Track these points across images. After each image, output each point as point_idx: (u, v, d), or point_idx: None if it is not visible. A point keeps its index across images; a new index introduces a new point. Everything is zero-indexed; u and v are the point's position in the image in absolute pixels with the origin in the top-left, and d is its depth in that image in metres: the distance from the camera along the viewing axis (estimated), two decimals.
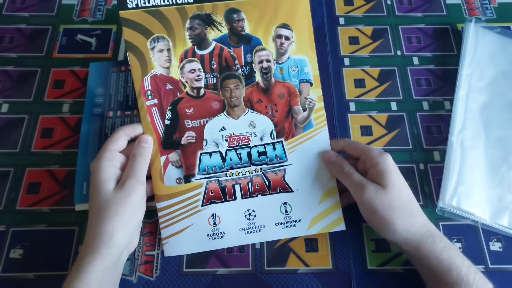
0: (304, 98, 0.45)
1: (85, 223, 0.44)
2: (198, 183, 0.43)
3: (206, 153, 0.43)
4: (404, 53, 0.56)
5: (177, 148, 0.43)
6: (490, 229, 0.44)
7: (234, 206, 0.43)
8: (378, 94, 0.53)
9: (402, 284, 0.42)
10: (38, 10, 0.59)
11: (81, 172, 0.46)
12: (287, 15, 0.44)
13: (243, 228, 0.43)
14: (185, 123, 0.43)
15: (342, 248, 0.44)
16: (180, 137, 0.43)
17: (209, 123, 0.43)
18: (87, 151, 0.47)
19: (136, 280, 0.42)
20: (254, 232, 0.43)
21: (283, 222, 0.43)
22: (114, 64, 0.53)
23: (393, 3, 0.60)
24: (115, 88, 0.51)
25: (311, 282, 0.42)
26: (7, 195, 0.46)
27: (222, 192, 0.43)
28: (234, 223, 0.43)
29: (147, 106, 0.42)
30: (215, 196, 0.43)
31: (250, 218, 0.43)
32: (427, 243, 0.37)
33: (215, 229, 0.43)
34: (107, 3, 0.59)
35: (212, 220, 0.43)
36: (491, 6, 0.60)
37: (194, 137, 0.43)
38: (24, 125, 0.50)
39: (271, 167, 0.44)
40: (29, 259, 0.43)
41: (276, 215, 0.44)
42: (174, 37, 0.43)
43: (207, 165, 0.43)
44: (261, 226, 0.43)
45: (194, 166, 0.43)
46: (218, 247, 0.43)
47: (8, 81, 0.53)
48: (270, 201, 0.44)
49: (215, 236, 0.43)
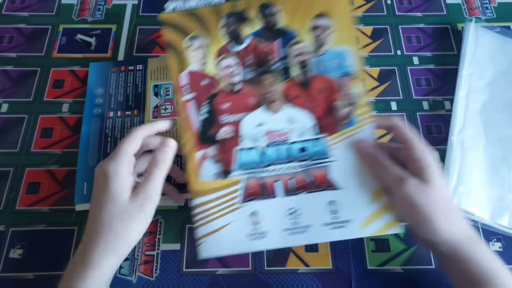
0: (345, 93, 0.41)
1: (84, 223, 0.44)
2: (236, 179, 0.40)
3: (243, 149, 0.41)
4: (404, 53, 0.56)
5: (214, 143, 0.41)
6: (490, 229, 0.44)
7: (276, 204, 0.40)
8: (378, 94, 0.53)
9: (402, 284, 0.42)
10: (38, 9, 0.59)
11: (81, 172, 0.46)
12: (325, 3, 0.42)
13: (287, 229, 0.39)
14: (221, 119, 0.42)
15: (342, 248, 0.44)
16: (216, 133, 0.41)
17: (245, 118, 0.42)
18: (88, 152, 0.47)
19: (136, 280, 0.42)
20: (299, 233, 0.39)
21: (332, 222, 0.40)
22: (114, 64, 0.53)
23: (393, 3, 0.60)
24: (115, 88, 0.51)
25: (311, 282, 0.42)
26: (6, 195, 0.46)
27: (262, 188, 0.40)
28: (276, 222, 0.40)
29: (183, 101, 0.41)
30: (255, 193, 0.40)
31: (293, 218, 0.40)
32: (468, 245, 0.35)
33: (255, 228, 0.39)
34: (107, 3, 0.59)
35: (252, 219, 0.40)
36: (491, 6, 0.60)
37: (230, 133, 0.41)
38: (24, 125, 0.50)
39: (314, 163, 0.41)
40: (29, 259, 0.43)
41: (323, 214, 0.40)
42: (210, 35, 0.43)
43: (245, 161, 0.41)
44: (306, 226, 0.40)
45: (231, 162, 0.41)
46: (258, 248, 0.39)
47: (7, 81, 0.53)
48: (315, 199, 0.40)
49: (256, 237, 0.39)
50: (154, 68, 0.53)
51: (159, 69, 0.53)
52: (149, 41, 0.56)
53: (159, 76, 0.52)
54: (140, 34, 0.57)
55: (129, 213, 0.35)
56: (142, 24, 0.58)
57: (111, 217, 0.34)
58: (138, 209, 0.35)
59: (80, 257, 0.35)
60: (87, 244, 0.35)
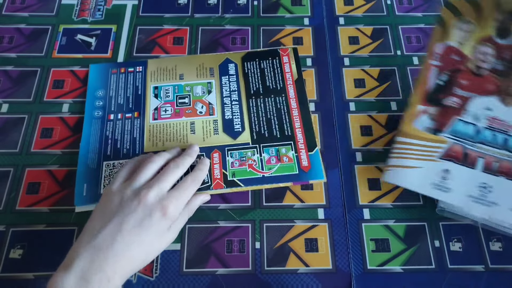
0: None
1: (84, 223, 0.44)
2: (443, 139, 0.44)
3: (463, 120, 0.44)
4: (404, 53, 0.56)
5: (437, 106, 0.46)
6: (490, 229, 0.44)
7: (472, 173, 0.43)
8: (378, 94, 0.53)
9: (402, 284, 0.42)
10: (38, 10, 0.59)
11: (81, 174, 0.46)
12: None
13: (472, 196, 0.42)
14: (455, 90, 0.46)
15: (342, 248, 0.44)
16: (444, 98, 0.46)
17: (477, 98, 0.45)
18: (88, 154, 0.47)
19: (136, 280, 0.42)
20: (482, 205, 0.42)
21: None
22: (114, 65, 0.53)
23: (393, 3, 0.60)
24: (115, 90, 0.51)
25: (311, 282, 0.42)
26: (6, 195, 0.46)
27: (464, 156, 0.44)
28: (465, 187, 0.43)
29: (429, 63, 0.47)
30: (455, 156, 0.44)
31: (483, 191, 0.42)
32: None
33: (442, 181, 0.43)
34: (107, 3, 0.59)
35: (442, 174, 0.43)
36: None
37: (457, 104, 0.45)
38: (24, 125, 0.50)
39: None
40: (28, 259, 0.43)
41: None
42: (479, 24, 0.47)
43: (459, 130, 0.45)
44: (492, 202, 0.42)
45: (446, 125, 0.45)
46: (438, 197, 0.43)
47: (7, 81, 0.53)
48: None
49: (440, 188, 0.43)
50: (154, 69, 0.53)
51: (159, 70, 0.53)
52: (149, 41, 0.56)
53: (159, 77, 0.52)
54: (140, 34, 0.57)
55: (156, 248, 0.38)
56: (142, 24, 0.58)
57: (141, 248, 0.36)
58: (165, 246, 0.39)
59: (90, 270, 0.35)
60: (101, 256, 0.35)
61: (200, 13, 0.59)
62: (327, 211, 0.46)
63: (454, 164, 0.44)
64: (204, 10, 0.59)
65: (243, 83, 0.52)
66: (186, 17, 0.58)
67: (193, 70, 0.53)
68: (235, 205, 0.46)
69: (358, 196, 0.47)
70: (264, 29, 0.57)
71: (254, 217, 0.45)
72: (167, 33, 0.57)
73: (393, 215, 0.45)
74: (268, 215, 0.45)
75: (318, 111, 0.52)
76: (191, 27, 0.58)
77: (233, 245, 0.44)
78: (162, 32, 0.57)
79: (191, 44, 0.56)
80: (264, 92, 0.51)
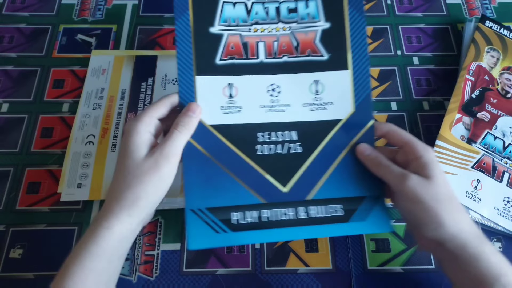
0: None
1: (85, 223, 0.44)
2: (477, 149, 0.47)
3: (492, 134, 0.48)
4: (404, 53, 0.56)
5: (471, 116, 0.49)
6: (490, 229, 0.44)
7: (498, 187, 0.45)
8: (378, 94, 0.53)
9: (402, 284, 0.42)
10: (38, 9, 0.59)
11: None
12: None
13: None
14: (486, 106, 0.50)
15: (342, 248, 0.44)
16: (477, 111, 0.49)
17: (505, 117, 0.49)
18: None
19: (136, 280, 0.42)
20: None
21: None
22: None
23: (393, 3, 0.60)
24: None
25: (311, 282, 0.42)
26: (7, 195, 0.46)
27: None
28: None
29: (465, 78, 0.51)
30: (486, 168, 0.46)
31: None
32: (477, 243, 0.33)
33: (474, 191, 0.44)
34: (107, 3, 0.59)
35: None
36: (491, 6, 0.60)
37: (487, 118, 0.49)
38: (24, 124, 0.50)
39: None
40: (29, 259, 0.43)
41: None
42: (506, 55, 0.53)
43: (489, 142, 0.47)
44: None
45: (478, 136, 0.48)
46: (470, 206, 0.44)
47: (8, 81, 0.53)
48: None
49: (472, 197, 0.43)
50: None
51: None
52: (149, 41, 0.56)
53: None
54: (140, 34, 0.57)
55: (143, 169, 0.34)
56: (142, 24, 0.58)
57: (126, 172, 0.34)
58: (153, 166, 0.34)
59: (95, 218, 0.34)
60: (105, 203, 0.35)
61: None
62: None
63: (484, 175, 0.46)
64: None
65: None
66: None
67: None
68: None
69: None
70: None
71: None
72: (167, 33, 0.57)
73: (393, 215, 0.45)
74: None
75: None
76: None
77: None
78: (162, 32, 0.57)
79: None
80: None
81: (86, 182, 0.45)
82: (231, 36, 0.39)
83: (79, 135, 0.48)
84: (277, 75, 0.39)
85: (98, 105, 0.50)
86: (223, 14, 0.39)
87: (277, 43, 0.39)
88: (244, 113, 0.38)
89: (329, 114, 0.39)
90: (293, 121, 0.38)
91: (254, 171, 0.37)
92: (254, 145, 0.38)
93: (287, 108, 0.39)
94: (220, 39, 0.39)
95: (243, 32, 0.39)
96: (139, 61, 0.53)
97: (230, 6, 0.39)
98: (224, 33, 0.39)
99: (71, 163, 0.46)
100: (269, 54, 0.39)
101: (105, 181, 0.45)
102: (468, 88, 0.51)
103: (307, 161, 0.38)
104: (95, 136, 0.48)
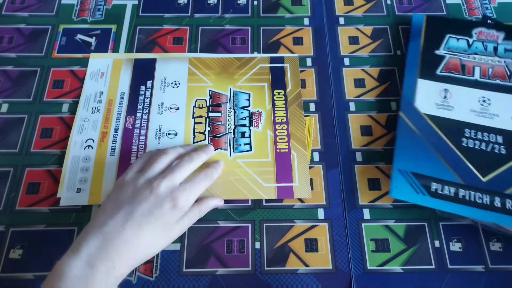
0: None
1: (84, 224, 0.44)
2: None
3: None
4: (404, 53, 0.56)
5: None
6: (490, 230, 0.44)
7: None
8: (378, 94, 0.53)
9: (402, 284, 0.42)
10: (38, 10, 0.59)
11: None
12: None
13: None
14: None
15: (342, 248, 0.44)
16: None
17: None
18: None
19: (136, 280, 0.42)
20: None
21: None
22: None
23: (393, 3, 0.60)
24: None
25: (311, 282, 0.42)
26: (6, 195, 0.46)
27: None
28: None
29: None
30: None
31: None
32: None
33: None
34: (107, 3, 0.59)
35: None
36: (491, 6, 0.60)
37: None
38: (24, 125, 0.50)
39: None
40: (28, 259, 0.43)
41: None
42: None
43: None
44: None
45: None
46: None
47: (7, 81, 0.53)
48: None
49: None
50: None
51: None
52: (149, 41, 0.56)
53: None
54: (140, 34, 0.57)
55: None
56: (142, 24, 0.58)
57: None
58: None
59: None
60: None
61: (200, 13, 0.59)
62: (327, 211, 0.46)
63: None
64: (204, 10, 0.59)
65: None
66: (186, 17, 0.58)
67: None
68: (235, 205, 0.46)
69: (358, 196, 0.47)
70: (264, 29, 0.57)
71: (254, 217, 0.45)
72: (167, 33, 0.57)
73: (393, 215, 0.45)
74: (268, 215, 0.45)
75: (318, 111, 0.52)
76: (191, 27, 0.58)
77: (233, 245, 0.44)
78: (162, 32, 0.57)
79: (191, 44, 0.56)
80: None
81: (86, 186, 0.45)
82: (451, 58, 0.51)
83: (78, 139, 0.48)
84: (489, 92, 0.49)
85: (97, 108, 0.50)
86: (448, 43, 0.52)
87: (492, 70, 0.50)
88: (455, 112, 0.47)
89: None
90: (500, 128, 0.46)
91: (457, 156, 0.45)
92: (460, 137, 0.46)
93: (495, 117, 0.47)
94: (442, 59, 0.51)
95: (462, 57, 0.51)
96: (138, 64, 0.53)
97: (454, 40, 0.52)
98: (446, 55, 0.51)
99: (70, 167, 0.46)
100: (484, 76, 0.49)
101: (105, 186, 0.45)
102: None
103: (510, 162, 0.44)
104: (94, 140, 0.48)
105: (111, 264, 0.34)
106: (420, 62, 0.51)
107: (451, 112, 0.47)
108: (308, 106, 0.52)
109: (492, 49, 0.51)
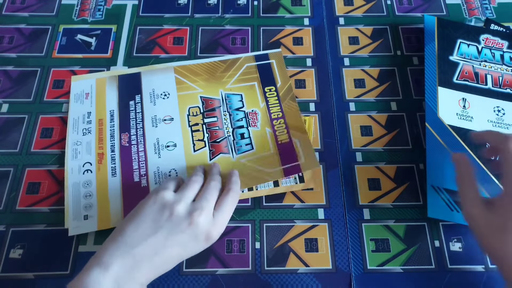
0: None
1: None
2: None
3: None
4: (404, 53, 0.56)
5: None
6: None
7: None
8: (378, 94, 0.53)
9: (402, 284, 0.42)
10: (38, 10, 0.59)
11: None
12: None
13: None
14: None
15: (342, 248, 0.44)
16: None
17: None
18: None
19: None
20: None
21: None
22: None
23: (393, 3, 0.60)
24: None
25: (311, 282, 0.42)
26: (6, 195, 0.46)
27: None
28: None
29: None
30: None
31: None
32: None
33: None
34: (107, 3, 0.59)
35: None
36: (491, 6, 0.60)
37: None
38: (24, 125, 0.50)
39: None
40: (28, 259, 0.43)
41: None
42: None
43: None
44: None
45: None
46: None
47: (7, 81, 0.53)
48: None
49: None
50: None
51: None
52: (149, 41, 0.56)
53: None
54: (140, 34, 0.57)
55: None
56: (142, 24, 0.58)
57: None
58: None
59: None
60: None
61: (200, 13, 0.59)
62: (327, 211, 0.46)
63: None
64: (204, 10, 0.59)
65: None
66: (186, 17, 0.59)
67: None
68: None
69: (358, 196, 0.47)
70: (264, 29, 0.57)
71: (254, 217, 0.45)
72: (167, 33, 0.57)
73: (393, 215, 0.45)
74: (268, 215, 0.45)
75: (318, 111, 0.52)
76: (191, 27, 0.58)
77: (233, 245, 0.44)
78: (162, 32, 0.57)
79: (191, 44, 0.56)
80: None
81: (92, 212, 0.44)
82: (465, 65, 0.52)
83: (75, 165, 0.46)
84: (502, 101, 0.50)
85: (87, 130, 0.48)
86: (460, 49, 0.53)
87: (502, 78, 0.51)
88: (474, 122, 0.48)
89: None
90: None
91: (482, 169, 0.45)
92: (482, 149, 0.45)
93: (510, 127, 0.48)
94: (457, 65, 0.52)
95: (475, 64, 0.52)
96: (123, 80, 0.52)
97: (465, 45, 0.53)
98: (460, 62, 0.52)
99: (72, 195, 0.45)
100: (495, 84, 0.51)
101: (113, 209, 0.44)
102: None
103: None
104: (92, 163, 0.46)
105: (138, 285, 0.35)
106: (437, 68, 0.51)
107: (471, 123, 0.48)
108: (308, 106, 0.52)
109: (499, 57, 0.52)
